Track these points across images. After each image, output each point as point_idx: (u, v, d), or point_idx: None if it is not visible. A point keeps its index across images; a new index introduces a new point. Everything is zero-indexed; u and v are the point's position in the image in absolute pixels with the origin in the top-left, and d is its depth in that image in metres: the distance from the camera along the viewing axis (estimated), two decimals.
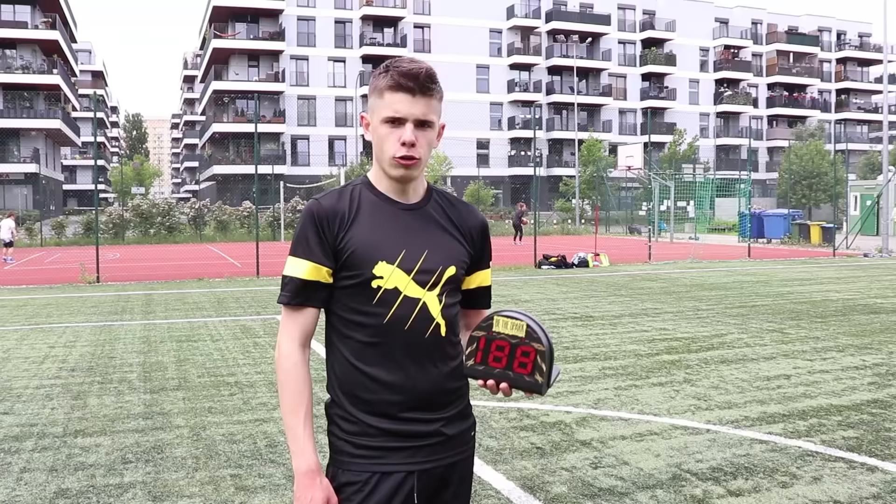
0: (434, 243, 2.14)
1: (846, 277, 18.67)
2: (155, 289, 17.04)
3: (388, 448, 2.08)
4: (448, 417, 2.14)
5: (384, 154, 2.09)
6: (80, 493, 4.87)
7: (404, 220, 2.13)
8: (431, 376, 2.10)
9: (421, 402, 2.09)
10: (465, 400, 2.22)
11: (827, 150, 60.30)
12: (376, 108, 2.11)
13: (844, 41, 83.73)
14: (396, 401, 2.07)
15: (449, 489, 2.17)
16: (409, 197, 2.17)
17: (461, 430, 2.19)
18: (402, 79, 2.06)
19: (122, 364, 8.86)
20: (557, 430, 6.11)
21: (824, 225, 31.95)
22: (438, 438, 2.12)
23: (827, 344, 9.80)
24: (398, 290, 2.07)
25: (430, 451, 2.11)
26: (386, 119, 2.08)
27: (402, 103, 2.06)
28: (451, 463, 2.15)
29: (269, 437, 5.99)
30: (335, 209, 2.10)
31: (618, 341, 10.07)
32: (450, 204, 2.24)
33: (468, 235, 2.22)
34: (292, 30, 63.75)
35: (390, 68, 2.09)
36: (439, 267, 2.12)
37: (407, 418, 2.08)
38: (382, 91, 2.09)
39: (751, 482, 4.95)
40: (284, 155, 62.82)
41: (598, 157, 54.34)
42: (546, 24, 69.81)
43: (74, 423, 6.45)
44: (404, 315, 2.07)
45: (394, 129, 2.07)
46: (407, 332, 2.07)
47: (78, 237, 39.17)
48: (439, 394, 2.12)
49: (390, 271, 2.06)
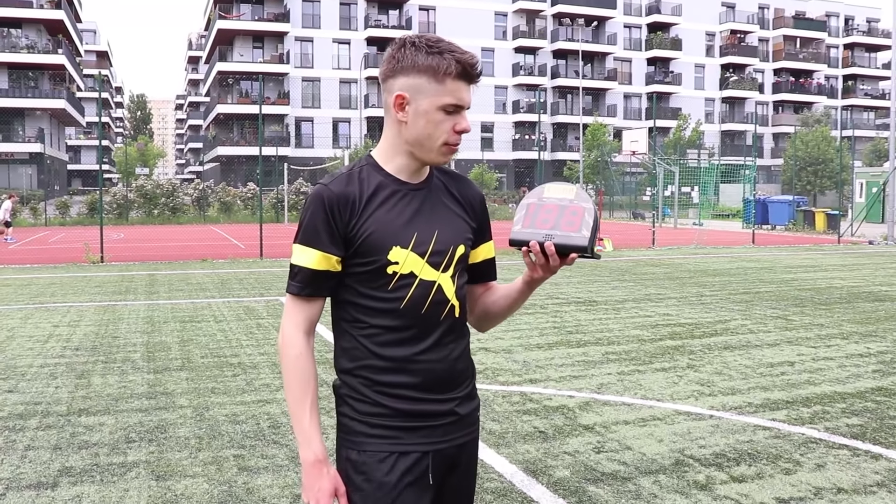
0: (442, 223, 2.11)
1: (851, 265, 18.63)
2: (159, 269, 17.06)
3: (405, 428, 2.06)
4: (461, 397, 2.14)
5: (434, 140, 2.04)
6: (84, 471, 4.88)
7: (413, 202, 2.09)
8: (446, 357, 2.09)
9: (437, 383, 2.08)
10: (473, 380, 2.22)
11: (833, 137, 60.01)
12: (431, 92, 2.01)
13: (852, 26, 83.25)
14: (413, 382, 2.05)
15: (458, 469, 2.17)
16: (419, 177, 2.13)
17: (471, 409, 2.19)
18: (469, 68, 2.01)
19: (126, 344, 8.87)
20: (560, 415, 6.10)
21: (829, 212, 31.87)
22: (453, 418, 2.12)
23: (831, 331, 9.79)
24: (414, 273, 2.04)
25: (444, 431, 2.10)
26: (446, 105, 2.02)
27: (466, 92, 2.03)
28: (461, 443, 2.15)
29: (272, 418, 6.00)
30: (346, 194, 2.04)
31: (621, 326, 10.07)
32: (449, 178, 2.21)
33: (469, 207, 2.21)
34: (297, 11, 63.51)
35: (444, 51, 2.01)
36: (450, 247, 2.10)
37: (423, 398, 2.07)
38: (443, 77, 2.00)
39: (754, 468, 4.94)
40: (288, 137, 62.75)
41: (602, 142, 54.14)
42: (552, 8, 69.44)
43: (78, 401, 6.46)
44: (421, 299, 2.05)
45: (449, 117, 2.03)
46: (423, 316, 2.05)
47: (82, 217, 39.19)
48: (453, 374, 2.11)
49: (405, 256, 2.03)
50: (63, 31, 58.17)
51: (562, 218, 2.01)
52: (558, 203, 2.03)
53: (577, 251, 1.99)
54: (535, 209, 2.04)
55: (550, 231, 2.00)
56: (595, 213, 2.01)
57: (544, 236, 2.00)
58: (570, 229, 2.00)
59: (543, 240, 2.00)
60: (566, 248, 1.99)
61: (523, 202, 2.07)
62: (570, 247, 1.99)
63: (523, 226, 2.04)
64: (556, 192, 2.05)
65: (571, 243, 1.99)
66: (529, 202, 2.06)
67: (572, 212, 2.01)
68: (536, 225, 2.02)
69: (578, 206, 2.02)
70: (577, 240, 1.99)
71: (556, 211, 2.02)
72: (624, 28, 73.31)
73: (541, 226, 2.02)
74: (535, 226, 2.03)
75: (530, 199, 2.07)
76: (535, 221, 2.03)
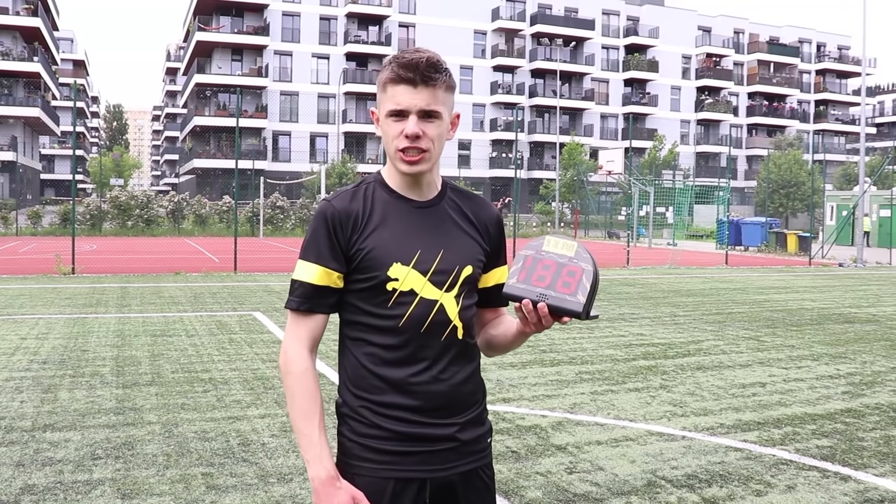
0: (450, 242, 2.08)
1: (821, 286, 18.80)
2: (131, 282, 16.89)
3: (402, 452, 2.01)
4: (463, 423, 2.08)
5: (390, 148, 2.04)
6: (47, 489, 4.79)
7: (419, 219, 2.06)
8: (448, 380, 2.04)
9: (436, 406, 2.03)
10: (481, 405, 2.16)
11: (805, 160, 60.82)
12: (381, 103, 2.05)
13: (824, 53, 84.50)
14: (411, 405, 2.01)
15: (460, 499, 2.09)
16: (424, 193, 2.10)
17: (476, 436, 2.11)
18: (401, 70, 1.99)
19: (95, 358, 8.75)
20: (533, 434, 6.08)
21: (801, 234, 32.18)
22: (453, 444, 2.05)
23: (802, 352, 9.85)
24: (414, 291, 2.01)
25: (444, 458, 2.04)
26: (389, 113, 2.01)
27: (404, 95, 1.99)
28: (465, 471, 2.08)
29: (242, 435, 5.93)
30: (348, 211, 2.03)
31: (595, 346, 10.07)
32: (464, 198, 2.18)
33: (484, 229, 2.16)
34: (277, 25, 63.49)
35: (392, 61, 2.02)
36: (456, 267, 2.06)
37: (421, 422, 2.02)
38: (385, 84, 2.03)
39: (725, 490, 4.94)
40: (265, 150, 62.60)
41: (578, 161, 54.44)
42: (531, 27, 69.95)
43: (44, 417, 6.35)
44: (421, 318, 2.01)
45: (397, 123, 2.01)
46: (423, 335, 2.02)
47: (54, 227, 38.81)
48: (455, 397, 2.06)
49: (405, 273, 2.00)
50: (39, 39, 57.77)
51: (559, 277, 1.94)
52: (557, 260, 1.96)
53: (571, 315, 1.93)
54: (533, 263, 1.97)
55: (545, 290, 1.94)
56: (594, 276, 1.94)
57: (538, 295, 1.94)
58: (565, 291, 1.93)
59: (537, 299, 1.94)
60: (560, 311, 1.93)
61: (521, 253, 2.00)
62: (563, 310, 1.92)
63: (518, 279, 1.97)
64: (556, 247, 1.98)
65: (565, 307, 1.92)
66: (527, 254, 1.99)
67: (569, 272, 1.94)
68: (532, 281, 1.96)
69: (577, 266, 1.94)
70: (572, 304, 1.92)
71: (554, 268, 1.95)
72: (602, 49, 73.92)
73: (536, 282, 1.95)
74: (530, 281, 1.96)
75: (529, 250, 2.00)
76: (530, 277, 1.96)
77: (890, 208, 35.72)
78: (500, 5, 69.16)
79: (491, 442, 2.19)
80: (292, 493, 4.76)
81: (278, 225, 42.86)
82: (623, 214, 49.31)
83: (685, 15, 77.46)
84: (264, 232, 41.27)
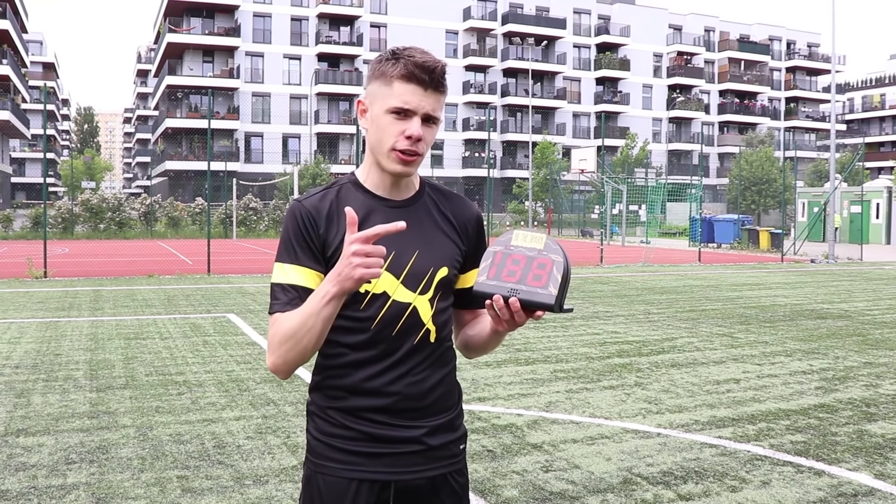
0: (426, 243, 2.04)
1: (794, 283, 18.98)
2: (104, 285, 16.74)
3: (367, 454, 2.00)
4: (433, 427, 2.04)
5: (382, 145, 1.98)
6: (21, 494, 4.74)
7: (394, 219, 1.97)
8: (418, 383, 2.02)
9: (404, 409, 2.00)
10: (454, 411, 2.12)
11: (776, 157, 61.37)
12: (381, 96, 1.98)
13: (794, 50, 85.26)
14: (379, 405, 1.99)
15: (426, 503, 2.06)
16: (402, 193, 2.07)
17: (446, 441, 2.08)
18: (416, 70, 1.93)
19: (69, 362, 8.67)
20: (508, 433, 6.10)
21: (773, 230, 32.49)
22: (419, 447, 2.02)
23: (775, 349, 9.94)
24: (387, 294, 1.98)
25: (410, 461, 2.02)
26: (393, 109, 1.95)
27: (414, 95, 1.94)
28: (432, 476, 2.05)
29: (217, 437, 5.89)
30: (318, 209, 2.00)
31: (569, 344, 10.11)
32: (443, 196, 2.14)
33: (462, 229, 2.13)
34: (248, 26, 63.14)
35: (402, 56, 1.95)
36: (430, 268, 2.03)
37: (388, 423, 2.00)
38: (392, 79, 1.95)
39: (701, 486, 4.98)
40: (238, 152, 62.22)
41: (551, 160, 54.57)
42: (502, 27, 70.02)
43: (17, 421, 6.28)
44: (393, 320, 1.99)
45: (399, 121, 1.96)
46: (394, 338, 1.99)
47: (26, 231, 38.39)
48: (424, 401, 2.03)
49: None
50: (8, 41, 57.00)
51: (529, 271, 1.90)
52: (526, 254, 1.92)
53: (544, 308, 1.89)
54: (502, 258, 1.93)
55: (516, 285, 1.89)
56: (565, 267, 1.90)
57: (509, 290, 1.89)
58: (536, 284, 1.89)
59: (508, 294, 1.89)
60: (532, 305, 1.89)
61: (490, 249, 1.96)
62: (535, 304, 1.88)
63: (488, 276, 1.92)
64: (524, 241, 1.94)
65: (537, 300, 1.88)
66: (496, 250, 1.94)
67: (539, 265, 1.90)
68: (502, 277, 1.91)
69: (547, 258, 1.90)
70: (544, 297, 1.87)
71: (524, 262, 1.91)
72: (573, 48, 74.15)
73: (507, 278, 1.91)
74: (500, 277, 1.91)
75: (497, 246, 1.95)
76: (500, 273, 1.92)
77: (860, 204, 36.13)
78: (472, 5, 69.17)
79: (464, 448, 2.15)
80: (268, 495, 4.74)
81: (251, 226, 42.65)
82: (596, 213, 49.49)
83: (656, 13, 77.90)
84: (238, 233, 41.06)
